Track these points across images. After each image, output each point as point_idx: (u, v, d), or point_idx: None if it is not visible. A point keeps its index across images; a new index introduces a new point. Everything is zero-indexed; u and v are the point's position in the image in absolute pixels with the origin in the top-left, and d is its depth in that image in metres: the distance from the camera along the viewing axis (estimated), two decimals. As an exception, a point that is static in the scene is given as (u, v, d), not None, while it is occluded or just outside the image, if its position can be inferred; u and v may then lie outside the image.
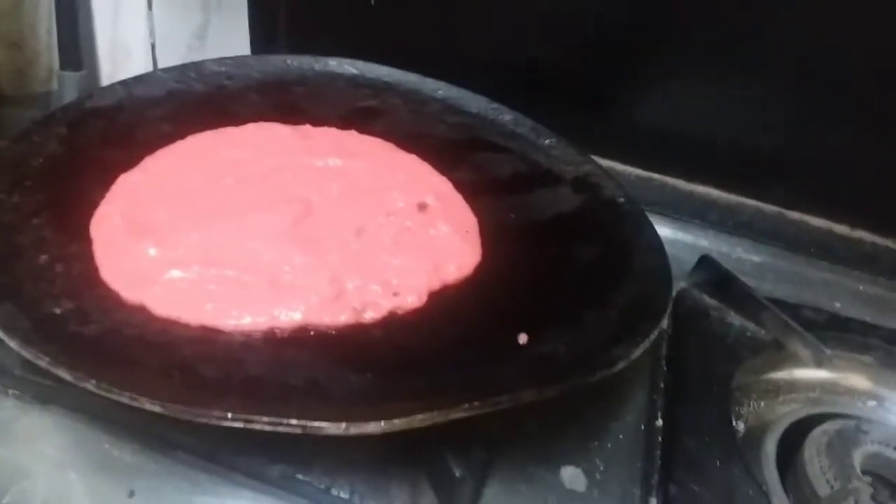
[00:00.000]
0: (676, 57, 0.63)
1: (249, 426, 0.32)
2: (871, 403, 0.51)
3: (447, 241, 0.46)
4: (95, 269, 0.41)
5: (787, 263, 0.62)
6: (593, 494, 0.40)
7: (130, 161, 0.50)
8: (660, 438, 0.44)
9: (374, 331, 0.40)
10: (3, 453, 0.37)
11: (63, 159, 0.50)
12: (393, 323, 0.41)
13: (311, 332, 0.39)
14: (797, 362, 0.50)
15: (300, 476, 0.37)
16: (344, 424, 0.32)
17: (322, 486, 0.36)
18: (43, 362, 0.33)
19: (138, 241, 0.42)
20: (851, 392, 0.50)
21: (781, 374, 0.50)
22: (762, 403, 0.50)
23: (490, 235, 0.49)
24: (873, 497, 0.41)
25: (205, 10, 0.82)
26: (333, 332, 0.39)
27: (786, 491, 0.42)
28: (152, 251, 0.41)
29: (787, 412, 0.49)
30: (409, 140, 0.57)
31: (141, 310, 0.39)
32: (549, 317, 0.43)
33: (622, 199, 0.56)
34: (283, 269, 0.41)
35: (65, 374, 0.33)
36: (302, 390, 0.35)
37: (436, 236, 0.46)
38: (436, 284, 0.43)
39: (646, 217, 0.54)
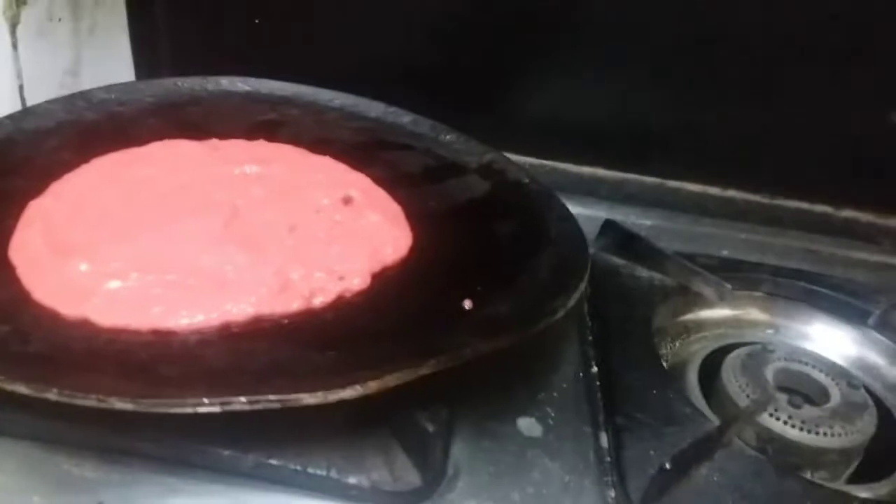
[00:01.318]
0: (554, 51, 0.69)
1: (227, 408, 0.32)
2: (770, 331, 0.57)
3: (379, 227, 0.48)
4: (25, 293, 0.39)
5: (673, 224, 0.68)
6: (550, 438, 0.43)
7: (36, 189, 0.48)
8: (597, 382, 0.47)
9: (326, 314, 0.41)
10: (-49, 491, 0.35)
11: (-39, 195, 0.48)
12: (343, 305, 0.42)
13: (266, 323, 0.39)
14: (702, 303, 0.55)
15: (274, 461, 0.37)
16: (321, 393, 0.33)
17: (298, 468, 0.37)
18: (-6, 381, 0.32)
19: (67, 259, 0.41)
20: (752, 324, 0.56)
21: (690, 316, 0.56)
22: (677, 344, 0.55)
23: (415, 221, 0.51)
24: (790, 402, 0.46)
25: (75, 44, 0.80)
26: (287, 320, 0.40)
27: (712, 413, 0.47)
28: (83, 266, 0.40)
29: (700, 348, 0.54)
30: (316, 146, 0.59)
31: (84, 323, 0.38)
32: (486, 284, 0.45)
33: (527, 180, 0.60)
34: (225, 268, 0.41)
35: (20, 388, 0.32)
36: (268, 373, 0.36)
37: (367, 225, 0.48)
38: (376, 266, 0.45)
39: (552, 192, 0.58)
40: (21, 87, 0.81)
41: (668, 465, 0.39)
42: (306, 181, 0.52)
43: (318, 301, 0.41)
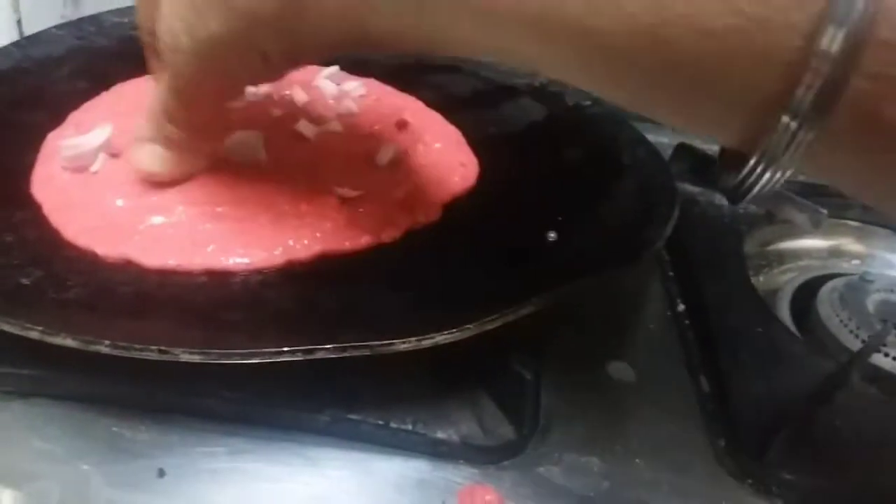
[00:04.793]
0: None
1: (310, 357, 0.27)
2: (856, 262, 0.52)
3: (442, 153, 0.43)
4: (56, 232, 0.34)
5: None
6: (645, 384, 0.38)
7: (53, 120, 0.43)
8: (687, 321, 0.43)
9: (397, 249, 0.36)
10: (-10, 459, 0.30)
11: (-30, 129, 0.42)
12: (415, 240, 0.37)
13: (333, 260, 0.35)
14: (792, 231, 0.50)
15: (353, 416, 0.32)
16: (414, 339, 0.29)
17: (380, 422, 0.32)
18: (35, 333, 0.28)
19: (100, 194, 0.36)
20: (841, 253, 0.52)
21: (776, 246, 0.51)
22: (761, 277, 0.50)
23: (477, 147, 0.46)
24: (899, 336, 0.41)
25: (76, -29, 0.73)
26: (356, 257, 0.35)
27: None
28: (120, 202, 0.35)
29: (787, 280, 0.50)
30: (355, 68, 0.53)
31: (127, 265, 0.33)
32: (566, 214, 0.40)
33: (588, 102, 0.54)
34: (279, 199, 0.36)
35: (66, 341, 0.27)
36: (345, 316, 0.31)
37: (429, 151, 0.43)
38: (446, 197, 0.40)
39: (619, 114, 0.52)
40: (19, 21, 0.75)
41: (785, 411, 0.35)
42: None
43: (387, 235, 0.36)
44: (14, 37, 0.73)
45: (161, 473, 0.31)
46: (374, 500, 0.31)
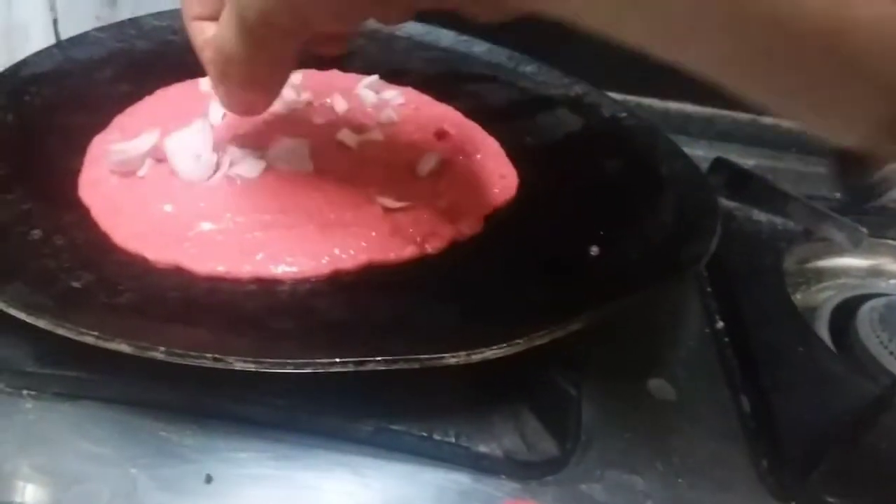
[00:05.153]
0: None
1: (361, 368, 0.27)
2: (894, 281, 0.52)
3: (483, 164, 0.43)
4: (105, 236, 0.35)
5: (777, 163, 0.62)
6: (685, 401, 0.38)
7: (98, 124, 0.43)
8: (726, 339, 0.43)
9: (441, 261, 0.36)
10: (40, 461, 0.30)
11: (16, 130, 0.43)
12: (458, 251, 0.37)
13: (378, 270, 0.35)
14: (831, 250, 0.50)
15: (396, 427, 0.32)
16: (464, 353, 0.29)
17: (423, 434, 0.32)
18: (90, 338, 0.28)
19: (149, 199, 0.36)
20: (880, 273, 0.51)
21: (815, 264, 0.51)
22: (798, 295, 0.50)
23: (514, 158, 0.46)
24: (943, 359, 0.41)
25: (113, -27, 0.74)
26: (401, 268, 0.35)
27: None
28: (168, 207, 0.35)
29: (825, 299, 0.49)
30: (392, 77, 0.53)
31: (177, 271, 0.33)
32: (607, 228, 0.40)
33: (624, 114, 0.54)
34: (324, 208, 0.36)
35: (121, 347, 0.27)
36: (393, 328, 0.31)
37: (469, 162, 0.43)
38: (488, 208, 0.40)
39: (654, 126, 0.52)
40: (55, 21, 0.76)
41: (829, 432, 0.35)
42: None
43: (431, 247, 0.36)
44: (50, 37, 0.74)
45: (208, 479, 0.31)
46: (417, 512, 0.31)
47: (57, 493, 0.29)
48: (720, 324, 0.44)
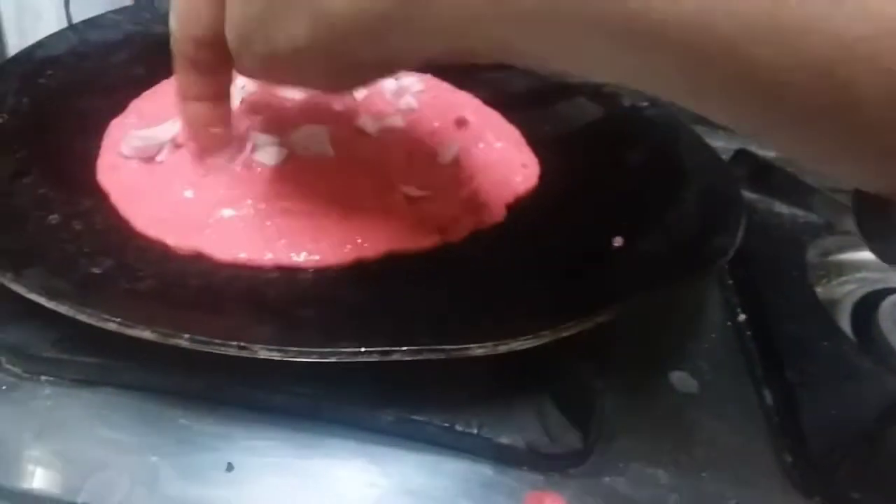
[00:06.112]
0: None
1: (387, 358, 0.27)
2: (916, 275, 0.51)
3: (504, 153, 0.42)
4: (125, 221, 0.34)
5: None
6: (708, 395, 0.38)
7: (114, 107, 0.43)
8: (748, 332, 0.42)
9: (464, 250, 0.36)
10: (58, 447, 0.30)
11: (31, 113, 0.43)
12: (480, 240, 0.37)
13: (401, 259, 0.34)
14: (850, 243, 0.49)
15: (417, 417, 0.32)
16: (490, 344, 0.28)
17: (445, 424, 0.32)
18: (112, 325, 0.27)
19: (168, 184, 0.36)
20: (902, 266, 0.51)
21: (836, 258, 0.50)
22: (819, 289, 0.49)
23: (536, 147, 0.45)
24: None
25: (127, -46, 0.73)
26: (423, 257, 0.35)
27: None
28: (189, 193, 0.35)
29: (846, 293, 0.48)
30: (410, 64, 0.53)
31: (198, 257, 0.33)
32: (631, 219, 0.40)
33: (645, 104, 0.53)
34: (346, 195, 0.36)
35: (145, 334, 0.27)
36: (417, 317, 0.31)
37: (490, 150, 0.42)
38: (509, 197, 0.39)
39: (675, 117, 0.52)
40: (67, 3, 0.75)
41: (854, 427, 0.34)
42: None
43: (454, 236, 0.36)
44: (62, 19, 0.74)
45: (229, 467, 0.30)
46: (438, 502, 0.31)
47: (77, 480, 0.29)
48: (742, 316, 0.43)
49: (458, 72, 0.53)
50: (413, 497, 0.31)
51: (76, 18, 0.73)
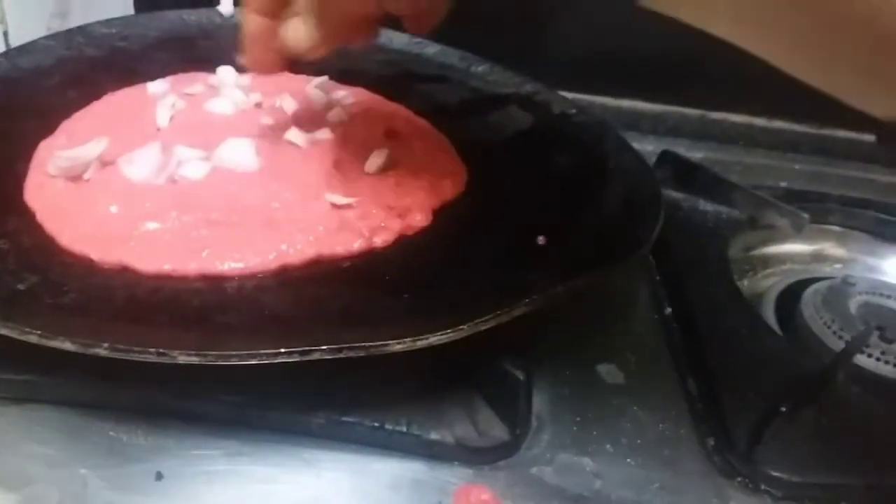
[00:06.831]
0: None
1: (306, 358, 0.28)
2: (838, 266, 0.53)
3: (432, 160, 0.43)
4: (50, 239, 0.34)
5: (724, 155, 0.64)
6: (634, 385, 0.39)
7: (44, 129, 0.43)
8: (674, 324, 0.44)
9: (390, 254, 0.37)
10: (-13, 464, 0.30)
11: (-41, 137, 0.42)
12: (406, 244, 0.38)
13: (326, 265, 0.35)
14: (775, 236, 0.51)
15: (348, 418, 0.33)
16: (408, 340, 0.29)
17: (375, 424, 0.33)
18: (33, 337, 0.28)
19: (93, 201, 0.36)
20: (822, 258, 0.53)
21: (760, 251, 0.52)
22: (745, 281, 0.51)
23: (466, 154, 0.46)
24: (881, 338, 0.42)
25: (62, -16, 0.73)
26: (349, 262, 0.35)
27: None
28: (114, 208, 0.35)
29: (770, 284, 0.51)
30: (344, 78, 0.54)
31: (123, 270, 0.33)
32: (555, 218, 0.41)
33: (574, 111, 0.55)
34: (271, 205, 0.37)
35: (65, 345, 0.27)
36: (340, 319, 0.32)
37: (418, 158, 0.43)
38: (436, 202, 0.40)
39: (603, 122, 0.54)
40: (6, 34, 0.74)
41: (771, 410, 0.36)
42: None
43: (380, 240, 0.37)
44: (0, 48, 0.73)
45: (159, 476, 0.31)
46: (370, 501, 0.32)
47: (6, 495, 0.29)
48: (668, 310, 0.45)
49: (393, 85, 0.54)
50: (346, 497, 0.32)
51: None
